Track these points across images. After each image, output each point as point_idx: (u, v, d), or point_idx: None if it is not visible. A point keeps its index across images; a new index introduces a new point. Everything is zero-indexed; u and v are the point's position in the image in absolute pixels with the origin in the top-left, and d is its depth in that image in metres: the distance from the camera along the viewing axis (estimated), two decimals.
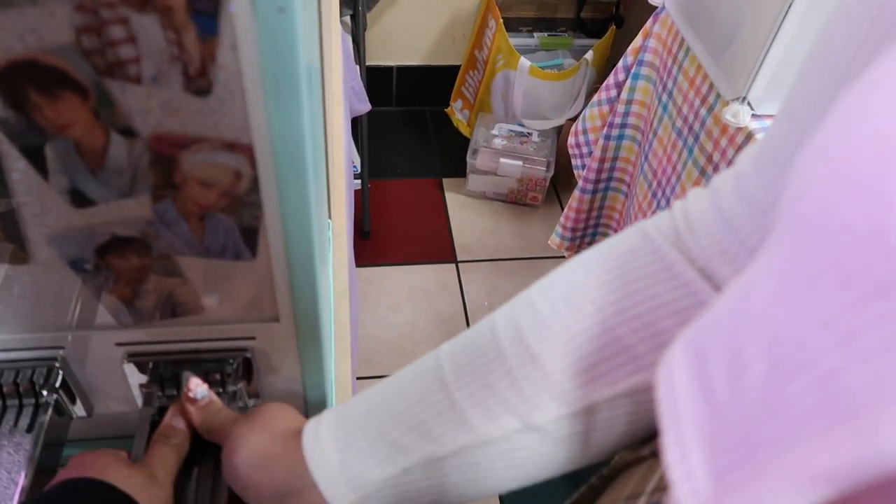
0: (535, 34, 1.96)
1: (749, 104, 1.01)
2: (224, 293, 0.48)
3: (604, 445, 0.38)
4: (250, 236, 0.44)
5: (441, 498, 0.38)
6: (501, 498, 1.37)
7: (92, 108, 0.36)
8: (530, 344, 0.37)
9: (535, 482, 0.38)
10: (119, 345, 0.50)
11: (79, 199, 0.40)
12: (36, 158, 0.37)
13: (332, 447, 0.39)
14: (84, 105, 0.35)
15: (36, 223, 0.41)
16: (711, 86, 1.10)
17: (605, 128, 1.46)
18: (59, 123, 0.36)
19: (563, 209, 2.10)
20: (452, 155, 2.19)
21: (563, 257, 1.71)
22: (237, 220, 0.43)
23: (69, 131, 0.36)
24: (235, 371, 0.52)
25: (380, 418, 0.39)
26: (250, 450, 0.43)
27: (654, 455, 0.35)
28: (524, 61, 1.87)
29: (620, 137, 1.46)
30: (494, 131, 2.03)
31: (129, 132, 0.37)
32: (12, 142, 0.36)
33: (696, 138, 1.15)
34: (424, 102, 2.34)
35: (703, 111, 1.13)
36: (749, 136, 1.01)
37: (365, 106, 1.33)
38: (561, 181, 2.15)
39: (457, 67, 2.18)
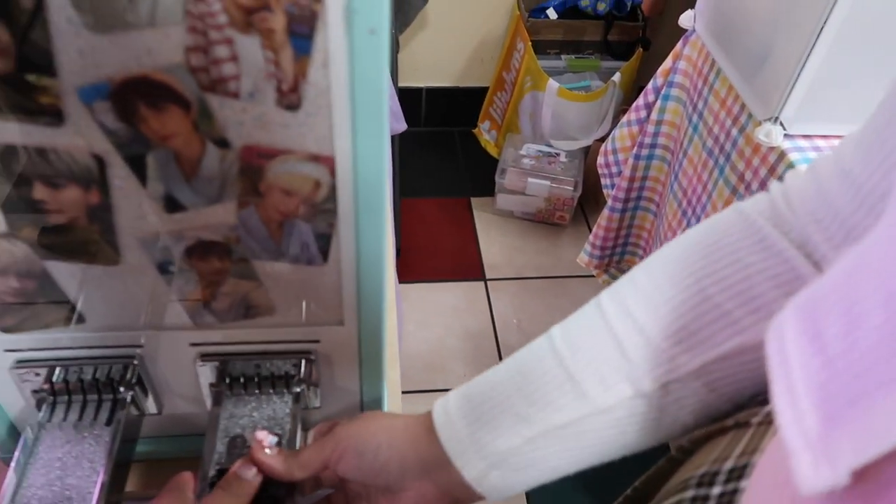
0: (562, 56, 1.99)
1: (781, 124, 1.03)
2: (294, 297, 0.51)
3: (692, 418, 0.41)
4: (324, 242, 0.47)
5: (561, 464, 0.41)
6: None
7: (193, 120, 0.39)
8: (636, 316, 0.40)
9: (637, 451, 0.42)
10: (193, 345, 0.53)
11: (171, 205, 0.43)
12: (138, 167, 0.41)
13: (462, 421, 0.43)
14: (186, 118, 0.39)
15: (130, 227, 0.44)
16: (743, 106, 1.12)
17: (635, 147, 1.48)
18: (162, 134, 0.39)
19: (590, 229, 2.12)
20: (480, 174, 2.22)
21: (592, 276, 1.72)
22: (313, 226, 0.46)
23: (170, 142, 0.40)
24: (300, 373, 0.55)
25: (504, 394, 0.42)
26: (371, 436, 0.46)
27: (739, 425, 0.37)
28: (552, 83, 1.90)
29: (650, 157, 1.49)
30: (522, 151, 2.06)
31: (223, 143, 0.40)
32: (118, 151, 0.40)
33: (728, 157, 1.17)
34: (452, 123, 2.38)
35: (734, 131, 1.15)
36: (782, 156, 1.03)
37: (401, 125, 1.36)
38: (588, 201, 2.17)
39: (484, 89, 2.22)
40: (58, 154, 0.39)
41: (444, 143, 2.39)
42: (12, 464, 0.50)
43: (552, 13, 1.91)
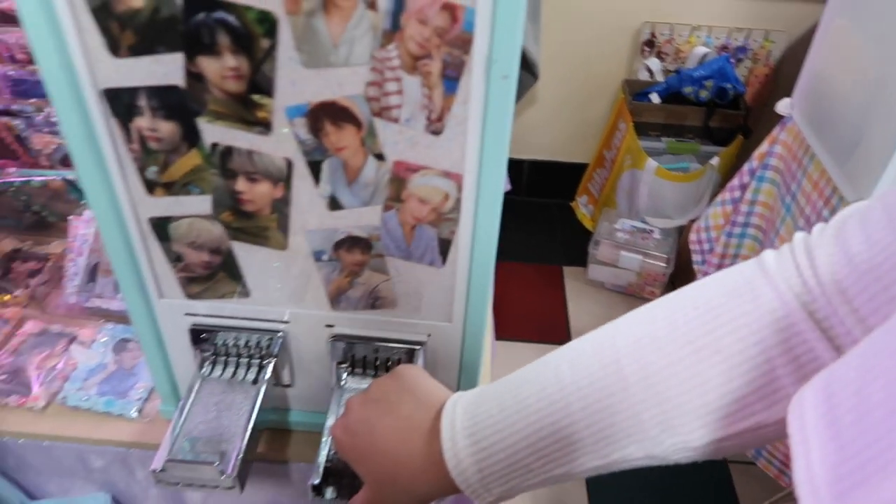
0: (662, 138, 2.08)
1: None
2: (414, 293, 0.62)
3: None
4: (445, 247, 0.58)
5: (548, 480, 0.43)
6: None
7: (361, 137, 0.52)
8: (661, 391, 0.41)
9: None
10: (328, 326, 0.65)
11: (334, 204, 0.56)
12: (315, 170, 0.54)
13: (473, 469, 0.44)
14: (357, 135, 0.52)
15: (300, 219, 0.57)
16: (835, 188, 1.17)
17: (728, 226, 1.54)
18: (337, 146, 0.52)
19: None
20: (574, 245, 2.31)
21: None
22: (438, 231, 0.57)
23: (342, 152, 0.53)
24: (412, 361, 0.65)
25: (519, 453, 0.43)
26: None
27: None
28: (651, 162, 1.99)
29: (742, 236, 1.53)
30: (617, 225, 2.14)
31: (380, 157, 0.53)
32: (304, 156, 0.53)
33: None
34: (551, 195, 2.50)
35: (825, 212, 1.19)
36: None
37: (505, 185, 1.49)
38: (680, 278, 2.20)
39: (583, 164, 2.33)
40: (260, 156, 0.53)
41: (542, 213, 2.51)
42: (181, 403, 0.63)
43: (655, 98, 2.02)
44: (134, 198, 0.56)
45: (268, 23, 0.46)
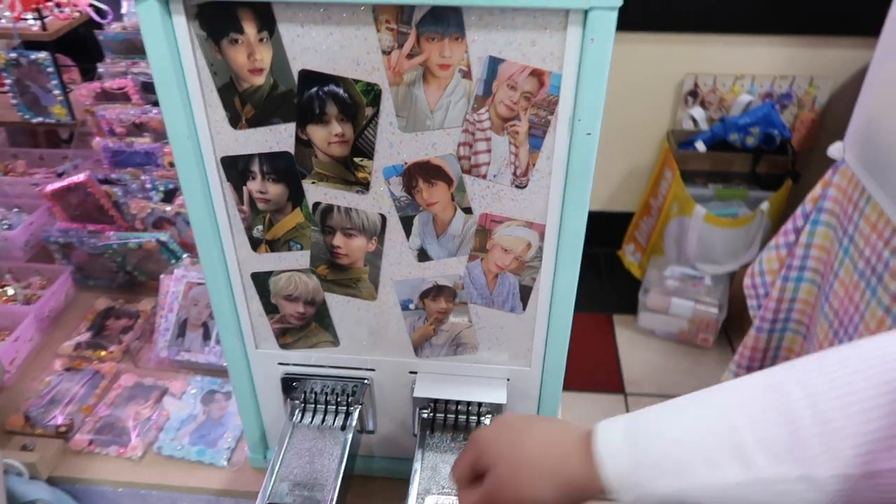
0: (710, 185, 2.10)
1: None
2: (494, 339, 0.65)
3: None
4: (526, 293, 0.61)
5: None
6: None
7: (451, 193, 0.56)
8: (822, 406, 0.41)
9: None
10: (411, 372, 0.68)
11: (422, 256, 0.60)
12: (406, 225, 0.58)
13: (626, 453, 0.47)
14: (448, 190, 0.56)
15: (390, 271, 0.61)
16: (894, 230, 1.17)
17: (783, 269, 1.53)
18: (429, 202, 0.56)
19: (734, 353, 2.12)
20: (623, 293, 2.31)
21: None
22: (519, 279, 0.61)
23: (433, 207, 0.57)
24: (493, 406, 0.67)
25: (670, 443, 0.46)
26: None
27: None
28: (699, 208, 2.00)
29: (799, 280, 1.53)
30: (666, 273, 2.14)
31: (468, 210, 0.57)
32: (397, 212, 0.57)
33: (880, 279, 1.21)
34: (599, 244, 2.52)
35: (885, 253, 1.19)
36: None
37: None
38: (733, 325, 2.18)
39: (629, 214, 2.35)
40: (357, 212, 0.57)
41: (590, 263, 2.52)
42: (276, 449, 0.66)
43: (701, 146, 2.05)
44: (240, 255, 0.61)
45: (373, 93, 0.51)
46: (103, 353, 0.89)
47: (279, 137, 0.53)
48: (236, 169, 0.55)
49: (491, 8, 0.46)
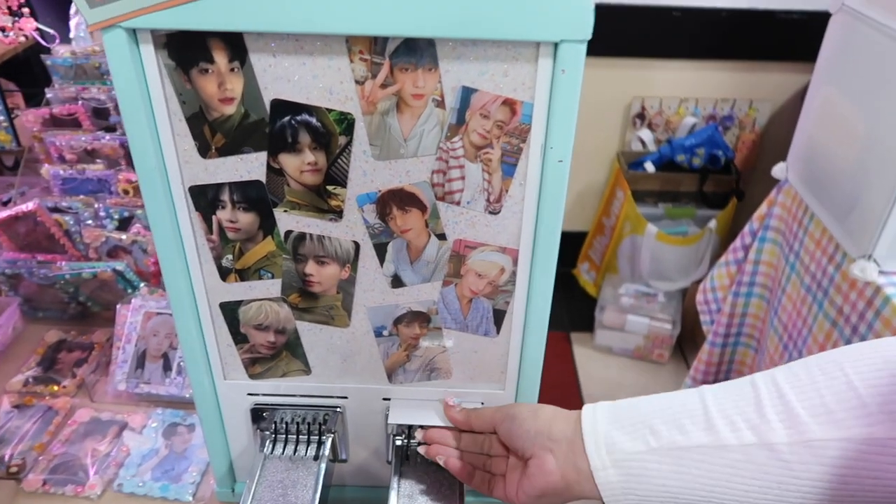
0: (659, 204, 2.16)
1: (875, 261, 1.12)
2: (468, 363, 0.65)
3: (812, 493, 0.46)
4: (500, 317, 0.62)
5: (671, 486, 0.48)
6: None
7: (425, 219, 0.56)
8: (783, 388, 0.47)
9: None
10: (385, 399, 0.67)
11: (396, 282, 0.60)
12: (380, 252, 0.58)
13: (603, 419, 0.53)
14: (422, 217, 0.56)
15: (363, 298, 0.61)
16: (837, 245, 1.23)
17: (734, 286, 1.58)
18: (403, 229, 0.57)
19: (688, 367, 2.17)
20: (579, 312, 2.35)
21: None
22: (493, 303, 0.61)
23: (407, 234, 0.57)
24: None
25: (643, 411, 0.52)
26: (526, 407, 0.59)
27: None
28: (651, 227, 2.06)
29: (749, 295, 1.58)
30: (621, 290, 2.18)
31: (442, 236, 0.57)
32: (371, 239, 0.57)
33: (826, 293, 1.26)
34: None
35: (830, 268, 1.25)
36: (878, 290, 1.11)
37: None
38: (686, 340, 2.23)
39: (583, 233, 2.40)
40: (331, 240, 0.57)
41: None
42: (247, 482, 0.64)
43: (650, 167, 2.11)
44: (208, 285, 0.59)
45: (346, 122, 0.51)
46: (56, 387, 0.85)
47: (250, 166, 0.53)
48: (205, 198, 0.54)
49: (464, 40, 0.47)
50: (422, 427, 0.65)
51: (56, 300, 0.91)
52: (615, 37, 2.04)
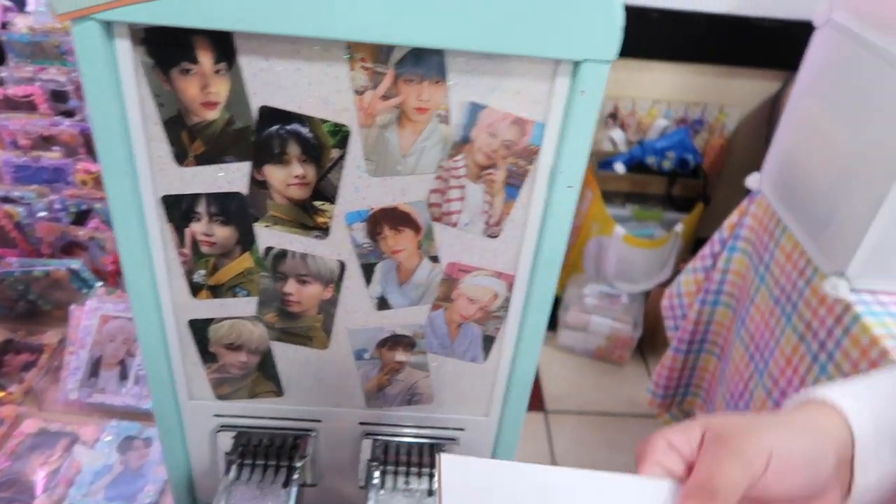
0: (627, 206, 2.16)
1: (847, 279, 1.13)
2: (451, 388, 0.62)
3: None
4: (489, 343, 0.59)
5: None
6: None
7: (418, 240, 0.52)
8: None
9: None
10: (361, 423, 0.64)
11: (382, 304, 0.56)
12: (367, 272, 0.54)
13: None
14: (415, 238, 0.52)
15: (346, 319, 0.57)
16: (808, 260, 1.23)
17: (700, 293, 1.59)
18: (393, 249, 0.53)
19: (648, 369, 2.18)
20: None
21: (650, 415, 1.77)
22: (483, 329, 0.58)
23: (397, 255, 0.53)
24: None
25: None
26: (811, 442, 0.40)
27: None
28: (619, 229, 2.05)
29: (715, 303, 1.58)
30: (585, 291, 2.18)
31: (434, 259, 0.53)
32: (358, 259, 0.53)
33: (795, 307, 1.26)
34: None
35: (800, 283, 1.25)
36: (847, 308, 1.12)
37: None
38: (647, 343, 2.25)
39: None
40: (314, 258, 0.53)
41: None
42: None
43: (620, 167, 2.10)
44: (176, 300, 0.54)
45: (341, 134, 0.46)
46: (1, 394, 0.79)
47: (231, 177, 0.48)
48: (179, 209, 0.49)
49: (477, 53, 0.43)
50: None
51: (3, 297, 0.84)
52: None
